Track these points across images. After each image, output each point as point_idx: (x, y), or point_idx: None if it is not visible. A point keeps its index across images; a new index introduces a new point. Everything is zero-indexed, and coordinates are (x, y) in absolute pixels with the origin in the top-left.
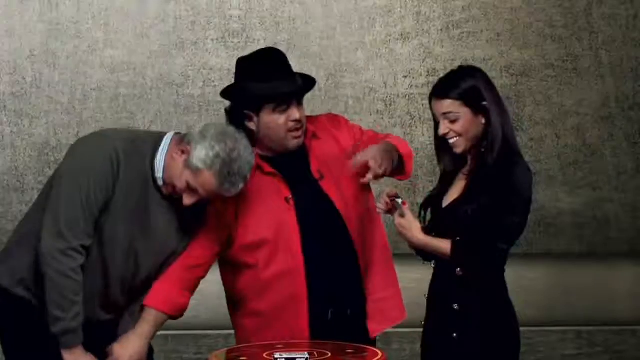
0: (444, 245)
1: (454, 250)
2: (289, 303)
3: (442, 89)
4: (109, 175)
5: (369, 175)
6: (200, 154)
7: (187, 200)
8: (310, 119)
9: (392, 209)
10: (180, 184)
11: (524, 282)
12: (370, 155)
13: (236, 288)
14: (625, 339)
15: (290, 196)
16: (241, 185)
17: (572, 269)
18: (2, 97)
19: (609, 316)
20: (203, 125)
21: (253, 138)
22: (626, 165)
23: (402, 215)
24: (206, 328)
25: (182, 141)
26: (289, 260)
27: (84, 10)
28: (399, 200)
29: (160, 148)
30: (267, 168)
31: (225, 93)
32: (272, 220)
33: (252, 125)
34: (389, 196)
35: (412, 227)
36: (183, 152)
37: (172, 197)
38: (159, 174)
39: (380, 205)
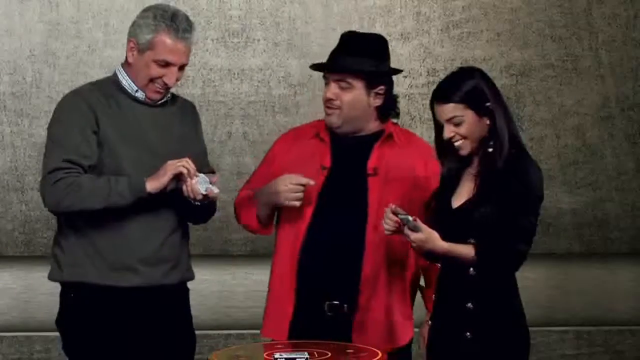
0: (466, 250)
1: (479, 254)
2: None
3: (444, 92)
4: (86, 113)
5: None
6: (143, 31)
7: (170, 79)
8: (402, 128)
9: (399, 227)
10: (150, 70)
11: (524, 282)
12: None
13: None
14: (625, 339)
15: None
16: (192, 30)
17: (572, 269)
18: (2, 97)
19: (609, 316)
20: None
21: None
22: (626, 165)
23: (416, 230)
24: (206, 328)
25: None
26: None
27: (84, 10)
28: (409, 217)
29: (117, 73)
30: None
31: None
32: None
33: None
34: (394, 213)
35: (432, 237)
36: (132, 48)
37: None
38: (133, 88)
39: (388, 226)
